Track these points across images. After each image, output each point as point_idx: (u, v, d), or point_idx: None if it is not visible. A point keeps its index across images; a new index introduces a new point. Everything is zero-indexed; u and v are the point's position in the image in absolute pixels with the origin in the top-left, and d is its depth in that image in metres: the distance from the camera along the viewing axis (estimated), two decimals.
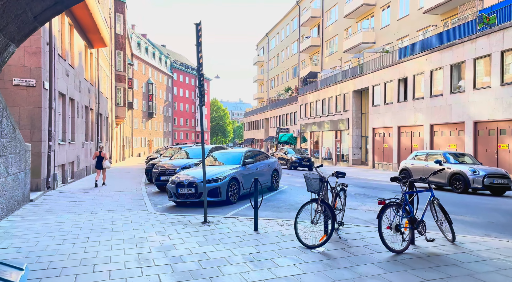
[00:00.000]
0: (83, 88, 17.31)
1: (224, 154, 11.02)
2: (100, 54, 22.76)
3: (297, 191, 11.63)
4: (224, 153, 11.08)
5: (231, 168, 9.61)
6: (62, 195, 10.98)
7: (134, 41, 53.99)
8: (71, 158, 14.77)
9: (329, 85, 31.17)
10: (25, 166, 8.95)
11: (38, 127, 10.86)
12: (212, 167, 9.85)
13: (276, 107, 46.43)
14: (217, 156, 10.89)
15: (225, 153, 11.14)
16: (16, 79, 10.58)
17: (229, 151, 11.28)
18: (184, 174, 9.43)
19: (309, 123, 35.36)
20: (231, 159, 10.39)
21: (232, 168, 9.56)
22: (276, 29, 53.69)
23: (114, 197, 10.65)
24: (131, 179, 16.77)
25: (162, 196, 11.31)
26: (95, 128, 20.69)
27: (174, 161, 13.02)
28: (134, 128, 53.59)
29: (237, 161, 10.18)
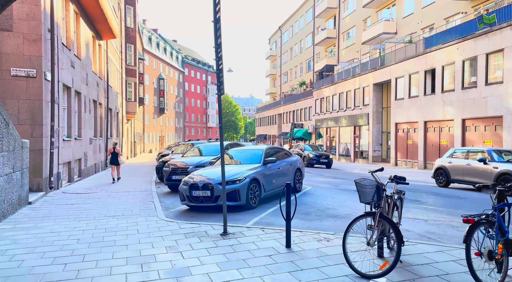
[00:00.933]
0: (91, 81, 16.41)
1: (242, 151, 9.89)
2: (110, 46, 21.87)
3: (323, 193, 10.44)
4: (241, 151, 9.95)
5: (250, 167, 8.48)
6: (65, 196, 10.05)
7: (145, 36, 53.26)
8: (77, 155, 13.89)
9: (347, 79, 29.72)
10: (22, 164, 8.00)
11: (39, 122, 9.93)
12: (229, 167, 8.74)
13: (289, 102, 45.11)
14: (234, 154, 9.77)
15: (242, 150, 10.01)
16: (14, 69, 9.65)
17: (247, 148, 10.13)
18: (198, 174, 8.34)
19: (325, 118, 33.98)
20: (250, 157, 9.25)
21: (251, 168, 8.43)
22: (289, 22, 52.19)
23: (122, 199, 9.66)
24: (141, 177, 15.84)
25: (174, 198, 10.28)
26: (104, 124, 19.83)
27: (187, 159, 11.98)
28: (145, 124, 53.03)
29: (257, 160, 9.04)
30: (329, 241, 5.16)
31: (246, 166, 8.67)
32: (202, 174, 8.29)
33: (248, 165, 8.77)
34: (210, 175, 8.09)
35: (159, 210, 8.11)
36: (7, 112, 9.61)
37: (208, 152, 12.59)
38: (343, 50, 35.89)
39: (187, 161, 11.57)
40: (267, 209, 8.08)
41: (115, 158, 13.67)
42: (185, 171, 11.00)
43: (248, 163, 8.94)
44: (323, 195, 9.98)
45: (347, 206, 8.42)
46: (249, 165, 8.76)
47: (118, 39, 26.39)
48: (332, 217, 7.15)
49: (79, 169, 14.51)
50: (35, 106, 9.89)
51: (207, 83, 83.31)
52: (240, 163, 9.13)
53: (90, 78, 16.14)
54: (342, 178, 15.69)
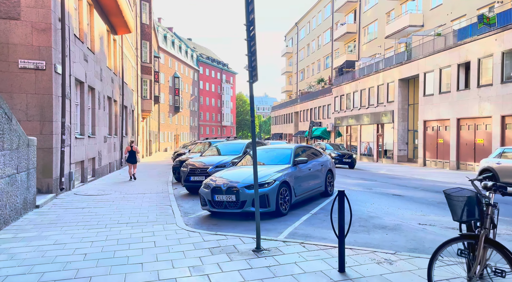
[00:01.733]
0: (105, 77, 15.73)
1: (268, 150, 8.90)
2: (125, 42, 21.25)
3: (359, 197, 9.36)
4: (267, 150, 8.96)
5: (278, 168, 7.49)
6: (76, 199, 9.29)
7: (160, 34, 52.92)
8: (91, 154, 13.20)
9: (369, 74, 28.37)
10: (28, 164, 7.24)
11: (48, 118, 9.20)
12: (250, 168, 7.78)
13: (307, 100, 43.89)
14: (258, 154, 8.78)
15: (268, 149, 9.02)
16: (22, 60, 8.93)
17: (274, 148, 9.12)
18: (220, 177, 7.41)
19: (345, 116, 32.68)
20: (277, 158, 8.26)
21: (280, 169, 7.44)
22: (306, 18, 50.90)
23: (136, 202, 8.83)
24: (157, 177, 15.07)
25: (193, 201, 9.41)
26: (119, 122, 19.20)
27: (206, 159, 11.09)
28: (160, 123, 52.71)
29: (285, 160, 8.04)
30: (392, 264, 4.13)
31: (273, 167, 7.68)
32: (225, 176, 7.35)
33: (275, 166, 7.79)
34: (234, 177, 7.14)
35: (178, 216, 7.22)
36: (14, 108, 8.91)
37: (226, 151, 11.68)
38: (364, 45, 34.46)
39: (206, 161, 10.68)
40: (299, 216, 7.09)
41: (132, 156, 13.78)
42: (204, 172, 10.12)
43: (275, 164, 7.96)
44: (360, 200, 8.90)
45: (392, 213, 7.34)
46: (276, 166, 7.78)
47: (133, 36, 25.82)
48: (379, 228, 6.10)
49: (92, 168, 13.83)
50: (44, 101, 9.16)
51: (221, 82, 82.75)
52: (265, 163, 8.14)
53: (104, 74, 15.46)
54: (371, 179, 14.54)
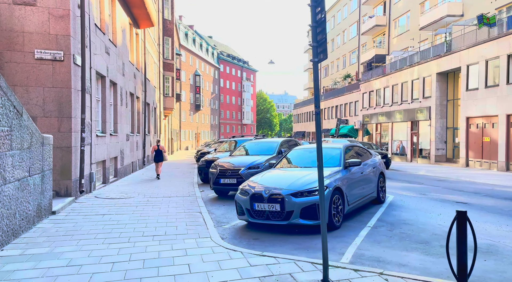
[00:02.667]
0: (128, 72, 14.96)
1: (312, 150, 7.69)
2: (147, 37, 20.54)
3: (417, 205, 8.05)
4: (311, 150, 7.74)
5: (327, 172, 6.31)
6: (97, 203, 8.43)
7: (181, 31, 52.53)
8: (113, 153, 12.42)
9: (402, 69, 26.62)
10: (42, 165, 6.38)
11: (67, 114, 8.37)
12: (295, 171, 6.65)
13: (331, 97, 42.27)
14: (297, 154, 7.61)
15: (312, 149, 7.81)
16: (39, 51, 8.13)
17: (314, 147, 7.89)
18: (259, 181, 6.29)
19: (375, 113, 30.98)
20: (324, 159, 7.07)
21: (329, 173, 6.26)
22: (330, 12, 49.14)
23: (162, 208, 7.87)
24: (182, 178, 14.18)
25: (224, 206, 8.38)
26: (142, 119, 18.47)
27: (236, 159, 10.03)
28: (181, 121, 52.36)
29: (334, 162, 6.85)
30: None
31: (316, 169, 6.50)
32: (265, 181, 6.24)
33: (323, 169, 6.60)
34: (277, 183, 6.03)
35: (211, 226, 6.19)
36: (30, 103, 8.13)
37: (258, 151, 10.57)
38: (395, 39, 32.58)
39: (237, 162, 9.63)
40: (355, 230, 5.90)
41: (159, 155, 13.86)
42: (235, 174, 9.08)
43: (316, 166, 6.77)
44: (421, 209, 7.58)
45: None
46: (324, 169, 6.59)
47: (155, 31, 25.16)
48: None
49: (115, 168, 13.07)
50: (62, 95, 8.34)
51: (242, 80, 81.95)
52: (309, 166, 6.95)
53: (126, 69, 14.69)
54: (416, 181, 13.11)
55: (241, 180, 8.96)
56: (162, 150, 14.00)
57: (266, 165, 9.23)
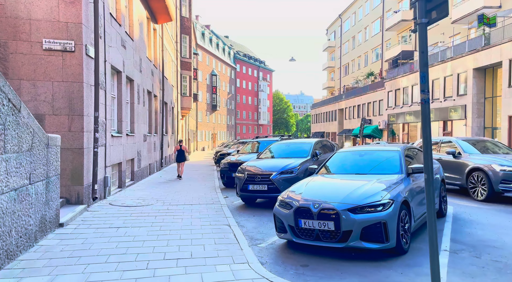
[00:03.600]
0: (145, 68, 14.09)
1: (361, 153, 6.41)
2: (165, 34, 19.71)
3: (488, 217, 6.72)
4: (360, 152, 6.43)
5: (386, 181, 5.11)
6: (111, 212, 7.47)
7: (198, 31, 51.94)
8: (129, 155, 11.52)
9: (432, 65, 24.97)
10: (47, 171, 5.44)
11: (78, 112, 7.45)
12: (344, 179, 5.49)
13: (353, 96, 40.68)
14: (343, 158, 6.38)
15: (360, 151, 6.53)
16: (47, 40, 7.24)
17: (368, 150, 6.60)
18: (301, 192, 5.10)
19: (401, 113, 29.35)
20: (378, 164, 5.87)
21: (389, 182, 5.05)
22: (351, 9, 47.54)
23: (184, 218, 6.84)
24: (202, 181, 13.19)
25: (255, 217, 7.28)
26: (160, 119, 17.62)
27: (264, 162, 8.91)
28: (198, 121, 51.74)
29: (392, 168, 5.62)
30: None
31: (375, 178, 5.33)
32: (311, 191, 5.08)
33: (378, 176, 5.42)
34: (326, 194, 4.88)
35: (245, 245, 5.10)
36: (38, 99, 7.24)
37: (288, 153, 9.40)
38: None
39: (266, 165, 8.50)
40: (426, 254, 4.68)
41: (181, 155, 13.82)
42: (266, 179, 7.98)
43: (375, 173, 5.58)
44: (496, 224, 6.25)
45: None
46: (379, 176, 5.41)
47: (173, 29, 24.38)
48: None
49: (131, 171, 12.18)
50: (73, 90, 7.42)
51: (258, 80, 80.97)
52: (357, 172, 5.73)
53: (144, 65, 13.81)
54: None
55: (273, 187, 7.86)
56: (184, 150, 13.97)
57: (301, 169, 8.09)
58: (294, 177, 7.89)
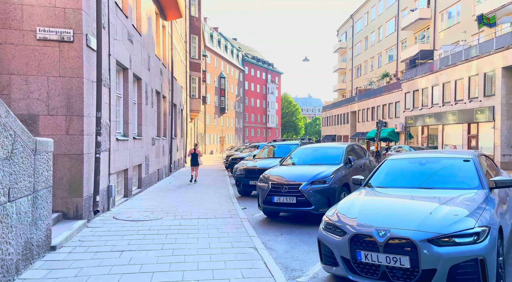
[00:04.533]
0: (154, 67, 13.10)
1: (420, 161, 5.16)
2: (174, 33, 18.76)
3: None
4: (420, 160, 5.08)
5: (466, 199, 3.89)
6: (114, 228, 6.41)
7: (206, 33, 51.19)
8: (136, 160, 10.48)
9: (455, 64, 23.62)
10: (34, 183, 4.39)
11: (78, 112, 6.42)
12: (410, 194, 4.33)
13: (367, 98, 39.34)
14: (399, 166, 5.20)
15: (420, 158, 5.23)
16: (42, 29, 6.23)
17: (430, 157, 5.21)
18: (355, 212, 3.93)
19: (420, 115, 27.98)
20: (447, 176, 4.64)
21: (473, 201, 3.84)
22: (364, 8, 46.31)
23: (200, 238, 5.74)
24: (214, 188, 12.10)
25: (283, 236, 6.14)
26: (169, 121, 16.61)
27: (290, 170, 7.76)
28: (206, 124, 50.85)
29: (470, 181, 4.38)
30: None
31: (442, 193, 4.17)
32: (369, 212, 3.91)
33: (446, 190, 4.25)
34: (392, 216, 3.71)
35: (281, 278, 3.97)
36: (31, 96, 6.24)
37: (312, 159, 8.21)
38: (442, 33, 29.52)
39: (293, 174, 7.36)
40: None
41: (195, 159, 13.69)
42: (294, 190, 6.84)
43: (442, 187, 4.40)
44: None
45: None
46: (447, 190, 4.24)
47: (182, 28, 23.47)
48: None
49: (138, 177, 11.14)
50: (72, 87, 6.40)
51: (267, 82, 79.98)
52: (421, 186, 4.50)
53: (152, 63, 12.82)
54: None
55: (303, 199, 6.72)
56: (198, 153, 13.79)
57: (335, 178, 6.94)
58: (327, 188, 6.75)
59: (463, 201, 3.84)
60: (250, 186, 10.65)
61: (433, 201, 3.91)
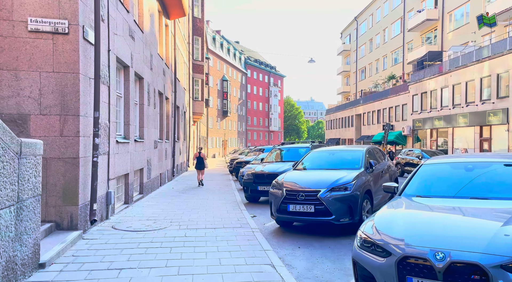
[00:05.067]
0: (156, 66, 12.51)
1: (467, 166, 4.33)
2: (178, 33, 18.22)
3: None
4: (464, 164, 4.41)
5: None
6: (113, 240, 5.76)
7: (209, 36, 50.77)
8: (138, 164, 9.86)
9: (466, 66, 22.95)
10: (18, 191, 3.76)
11: (73, 111, 5.81)
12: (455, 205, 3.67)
13: (372, 100, 38.66)
14: (443, 172, 4.45)
15: (466, 163, 4.43)
16: (33, 19, 5.64)
17: (477, 160, 4.50)
18: (400, 228, 3.25)
19: (429, 117, 27.29)
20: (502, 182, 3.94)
21: None
22: (368, 10, 45.79)
23: (209, 253, 5.09)
24: (220, 193, 11.46)
25: (302, 250, 5.49)
26: (172, 124, 16.00)
27: (305, 175, 7.11)
28: (209, 128, 50.28)
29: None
30: None
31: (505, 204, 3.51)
32: (417, 229, 3.21)
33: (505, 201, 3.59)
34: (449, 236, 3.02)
35: None
36: (21, 94, 5.63)
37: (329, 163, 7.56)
38: (450, 33, 28.89)
39: (309, 180, 6.71)
40: None
41: (201, 163, 13.60)
42: (312, 198, 6.19)
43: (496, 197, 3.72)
44: None
45: None
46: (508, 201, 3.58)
47: (185, 29, 22.96)
48: None
49: (140, 182, 10.51)
50: (67, 83, 5.79)
51: (269, 85, 79.48)
52: (480, 197, 3.79)
53: (155, 62, 12.23)
54: None
55: (322, 208, 6.06)
56: (203, 157, 13.72)
57: (357, 184, 6.28)
58: (348, 195, 6.10)
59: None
60: (259, 191, 10.01)
61: (497, 215, 3.26)
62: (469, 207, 3.53)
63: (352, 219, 6.08)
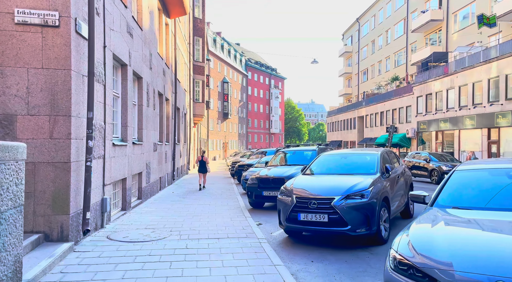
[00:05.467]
0: (156, 66, 12.02)
1: (503, 173, 3.89)
2: (178, 33, 17.75)
3: None
4: (505, 170, 3.93)
5: None
6: (107, 253, 5.24)
7: (210, 37, 50.38)
8: (136, 168, 9.34)
9: (473, 66, 22.46)
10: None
11: (64, 111, 5.30)
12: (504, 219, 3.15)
13: (375, 102, 38.16)
14: (477, 178, 3.98)
15: (501, 169, 3.97)
16: (20, 11, 5.14)
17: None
18: (439, 249, 2.76)
19: (434, 119, 26.78)
20: None
21: None
22: (371, 11, 45.38)
23: (213, 269, 4.57)
24: (222, 198, 10.94)
25: (316, 265, 4.97)
26: (172, 126, 15.49)
27: (316, 181, 6.56)
28: (209, 130, 49.79)
29: None
30: None
31: None
32: (464, 250, 2.70)
33: None
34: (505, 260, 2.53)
35: None
36: (7, 92, 5.12)
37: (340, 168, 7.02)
38: (455, 34, 28.42)
39: (321, 186, 6.19)
40: None
41: (203, 166, 13.51)
42: (325, 206, 5.67)
43: None
44: None
45: None
46: None
47: (186, 29, 22.50)
48: None
49: (138, 187, 9.99)
50: (57, 81, 5.29)
51: (270, 87, 79.07)
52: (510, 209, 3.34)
53: (154, 62, 11.74)
54: None
55: (336, 217, 5.54)
56: (205, 160, 13.66)
57: (374, 191, 5.76)
58: (365, 204, 5.57)
59: None
60: (264, 197, 9.49)
61: None
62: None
63: (369, 229, 5.55)
